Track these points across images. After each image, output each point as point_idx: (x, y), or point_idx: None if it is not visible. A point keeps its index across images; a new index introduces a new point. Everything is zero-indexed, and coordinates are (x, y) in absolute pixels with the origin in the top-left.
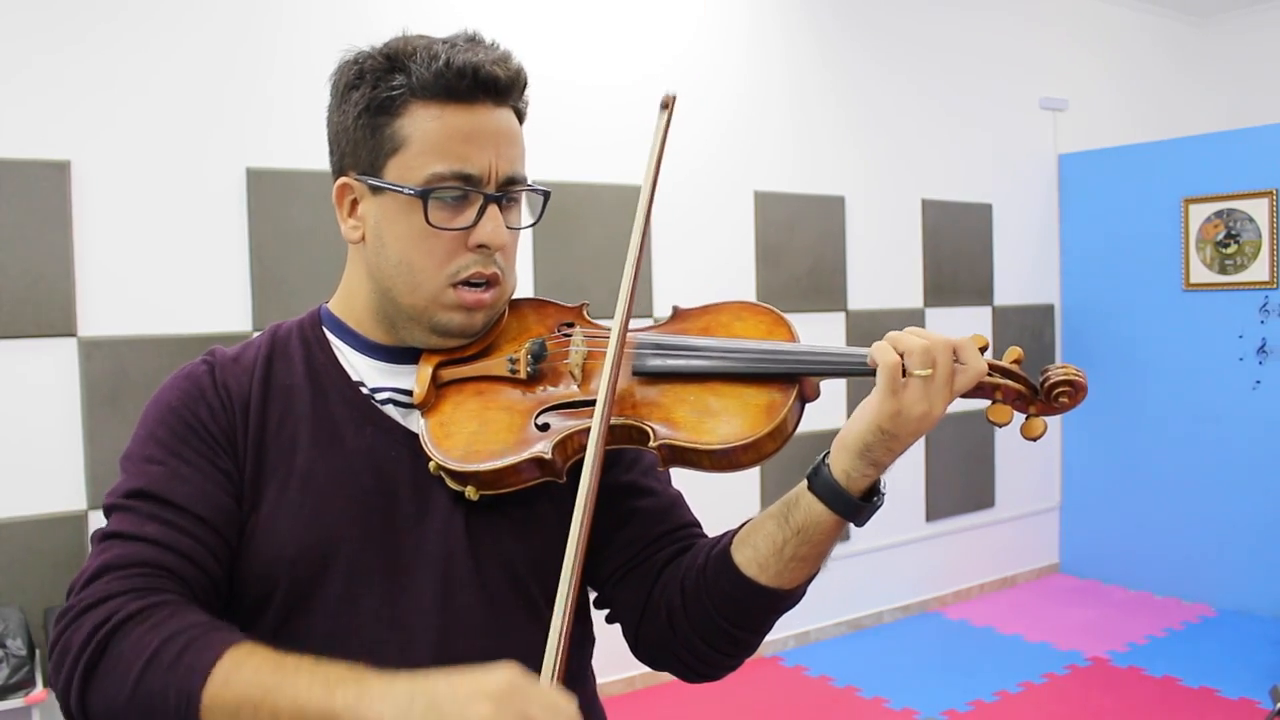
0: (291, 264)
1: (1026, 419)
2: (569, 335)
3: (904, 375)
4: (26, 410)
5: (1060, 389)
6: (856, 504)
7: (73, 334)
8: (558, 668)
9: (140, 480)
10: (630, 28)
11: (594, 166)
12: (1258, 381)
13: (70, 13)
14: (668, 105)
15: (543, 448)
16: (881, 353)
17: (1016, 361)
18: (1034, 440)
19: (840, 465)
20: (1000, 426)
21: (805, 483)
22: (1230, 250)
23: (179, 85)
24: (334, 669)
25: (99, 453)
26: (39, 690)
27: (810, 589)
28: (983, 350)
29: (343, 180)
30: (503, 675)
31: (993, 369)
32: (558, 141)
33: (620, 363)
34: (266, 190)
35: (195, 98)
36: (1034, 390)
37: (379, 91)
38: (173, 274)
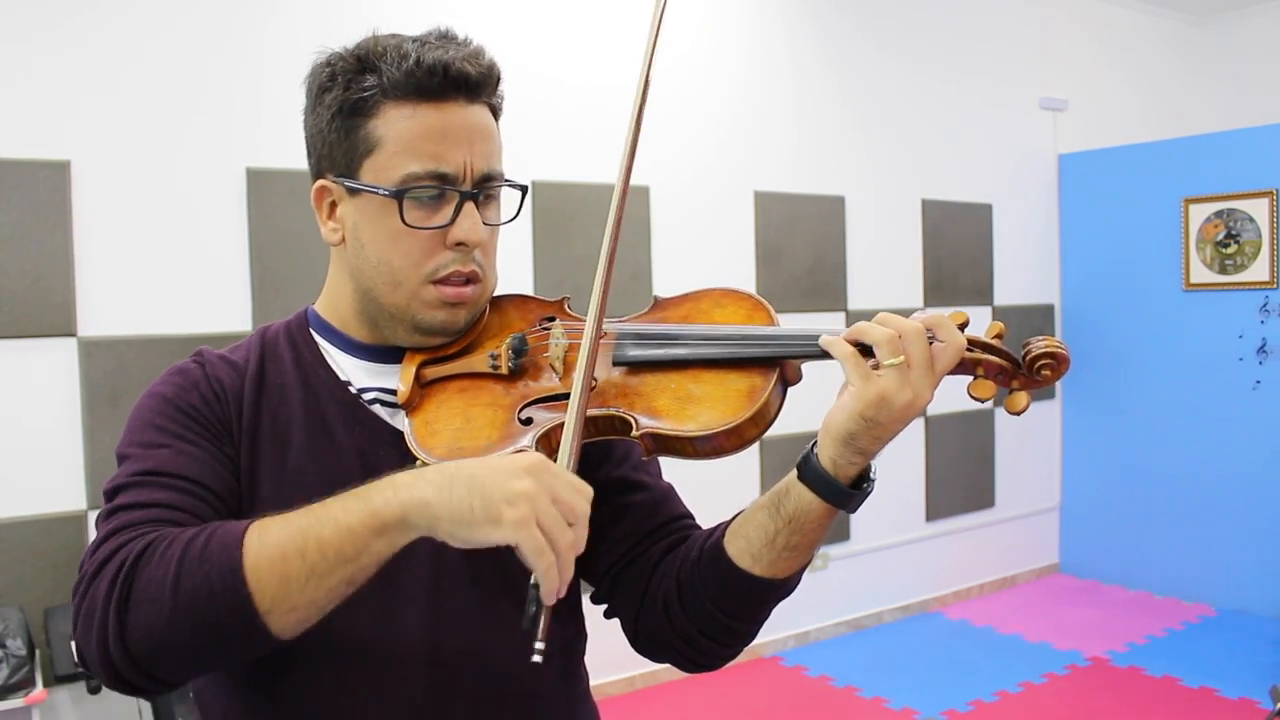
0: (291, 264)
1: (1010, 393)
2: (549, 329)
3: (876, 367)
4: (26, 410)
5: (1042, 361)
6: (846, 491)
7: (73, 334)
8: (574, 452)
9: (147, 463)
10: (631, 27)
11: (594, 166)
12: (1258, 381)
13: (71, 13)
14: None
15: (526, 441)
16: (831, 346)
17: (998, 336)
18: (1017, 414)
19: (826, 453)
20: (982, 402)
21: (795, 472)
22: (1230, 250)
23: (179, 85)
24: (362, 487)
25: (99, 453)
26: (39, 690)
27: (810, 589)
28: (963, 327)
29: (320, 183)
30: (533, 455)
31: (973, 344)
32: (558, 142)
33: (598, 336)
34: (266, 190)
35: (196, 98)
36: (1016, 364)
37: (351, 93)
38: (173, 274)
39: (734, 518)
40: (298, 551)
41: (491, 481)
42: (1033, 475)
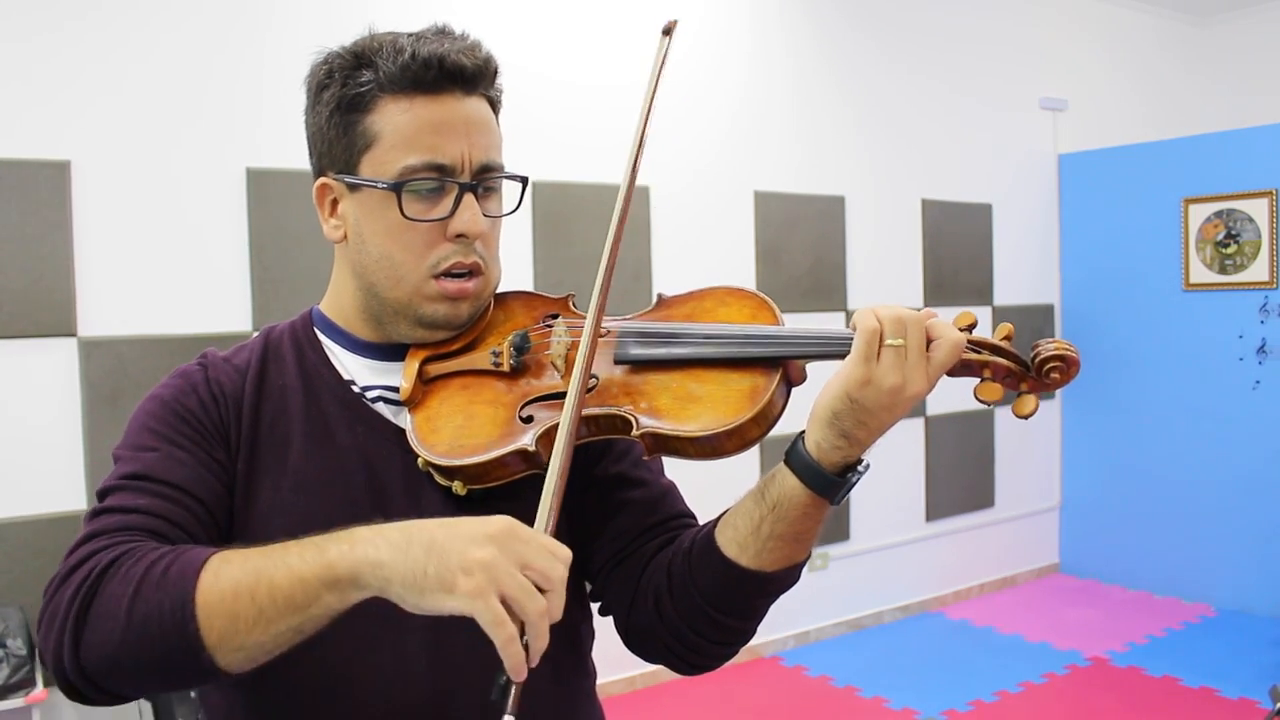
0: (291, 264)
1: (1018, 396)
2: (551, 326)
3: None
4: (26, 410)
5: (1051, 364)
6: (828, 478)
7: (73, 334)
8: (551, 519)
9: (135, 465)
10: (631, 28)
11: (594, 166)
12: (1258, 381)
13: (72, 15)
14: (669, 31)
15: (527, 440)
16: (863, 318)
17: (1007, 338)
18: (1025, 418)
19: (810, 435)
20: (989, 404)
21: (784, 458)
22: (1230, 250)
23: (179, 85)
24: (323, 536)
25: (99, 453)
26: (39, 690)
27: (810, 589)
28: (971, 327)
29: (321, 180)
30: (502, 520)
31: (981, 345)
32: (558, 142)
33: (596, 333)
34: (266, 190)
35: (196, 98)
36: (1025, 366)
37: (348, 89)
38: (173, 274)
39: (729, 509)
40: (249, 591)
41: (450, 547)
42: (1032, 475)
